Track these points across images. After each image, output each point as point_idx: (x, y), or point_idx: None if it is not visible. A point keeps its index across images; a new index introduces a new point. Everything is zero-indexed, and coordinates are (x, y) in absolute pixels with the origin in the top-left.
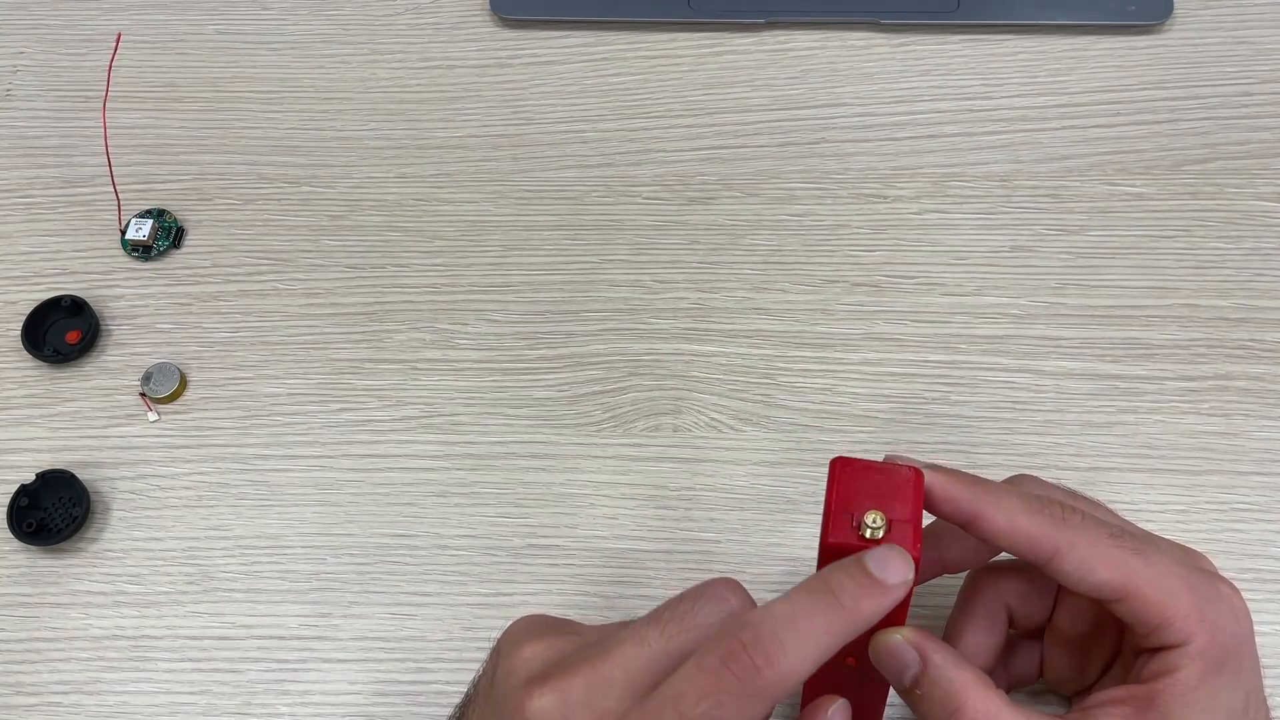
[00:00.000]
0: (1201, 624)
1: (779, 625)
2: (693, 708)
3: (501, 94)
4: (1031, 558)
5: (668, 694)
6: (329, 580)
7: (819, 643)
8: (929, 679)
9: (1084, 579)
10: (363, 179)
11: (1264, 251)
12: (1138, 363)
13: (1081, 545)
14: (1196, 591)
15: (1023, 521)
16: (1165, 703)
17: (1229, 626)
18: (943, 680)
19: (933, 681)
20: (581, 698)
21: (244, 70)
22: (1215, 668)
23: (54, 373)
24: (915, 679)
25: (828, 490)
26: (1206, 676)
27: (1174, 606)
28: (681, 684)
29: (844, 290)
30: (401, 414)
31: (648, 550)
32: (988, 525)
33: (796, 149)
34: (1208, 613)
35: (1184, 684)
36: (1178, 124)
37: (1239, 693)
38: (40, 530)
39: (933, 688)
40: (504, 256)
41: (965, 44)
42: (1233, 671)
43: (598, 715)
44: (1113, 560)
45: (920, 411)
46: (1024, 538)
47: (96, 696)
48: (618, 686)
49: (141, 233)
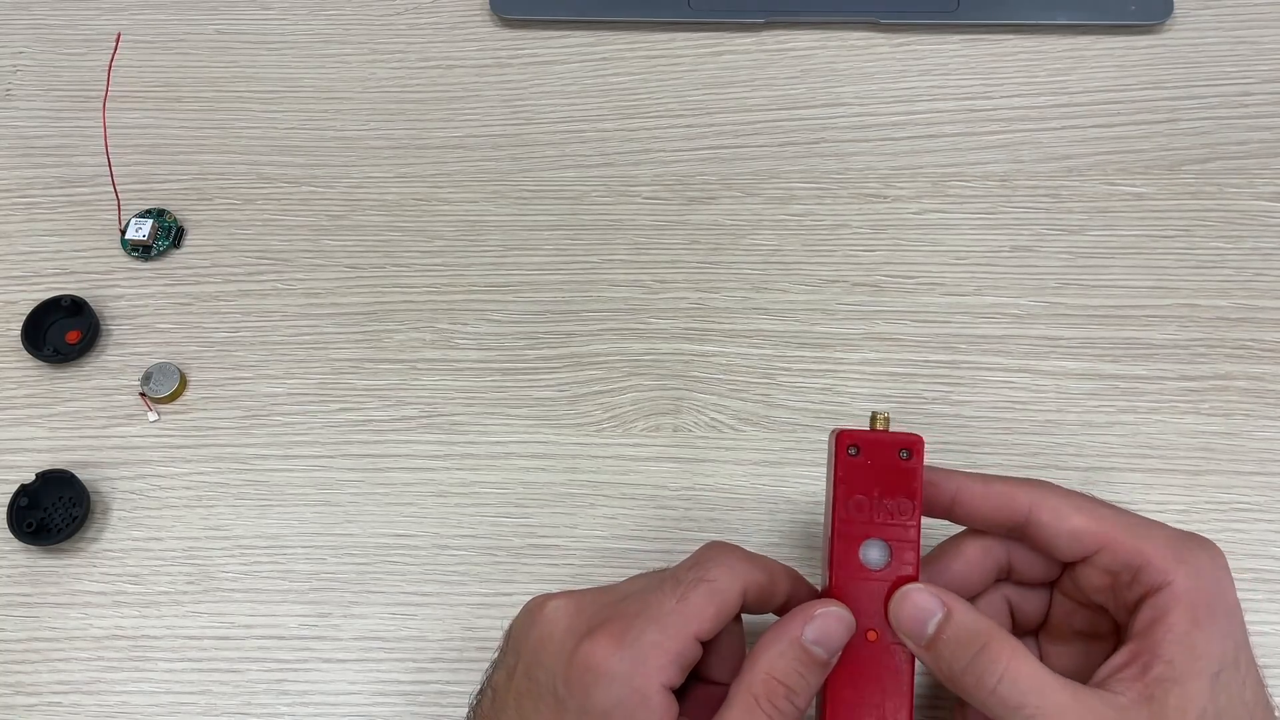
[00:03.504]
0: (1180, 564)
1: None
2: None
3: (501, 94)
4: (1009, 517)
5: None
6: (329, 580)
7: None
8: (955, 623)
9: (1059, 528)
10: (363, 179)
11: (1264, 251)
12: (1138, 363)
13: (1053, 497)
14: (1171, 536)
15: (997, 484)
16: (1166, 651)
17: (1208, 569)
18: (969, 622)
19: (958, 625)
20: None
21: (244, 70)
22: (1206, 612)
23: (54, 373)
24: (940, 626)
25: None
26: (1199, 620)
27: (1149, 548)
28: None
29: (844, 290)
30: (401, 414)
31: (648, 550)
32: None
33: (796, 149)
34: (1185, 555)
35: (1178, 629)
36: (1178, 124)
37: (1229, 642)
38: (40, 530)
39: (959, 630)
40: (504, 256)
41: (965, 44)
42: (1223, 618)
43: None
44: (1085, 508)
45: (920, 411)
46: (1000, 496)
47: (96, 696)
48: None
49: (141, 232)
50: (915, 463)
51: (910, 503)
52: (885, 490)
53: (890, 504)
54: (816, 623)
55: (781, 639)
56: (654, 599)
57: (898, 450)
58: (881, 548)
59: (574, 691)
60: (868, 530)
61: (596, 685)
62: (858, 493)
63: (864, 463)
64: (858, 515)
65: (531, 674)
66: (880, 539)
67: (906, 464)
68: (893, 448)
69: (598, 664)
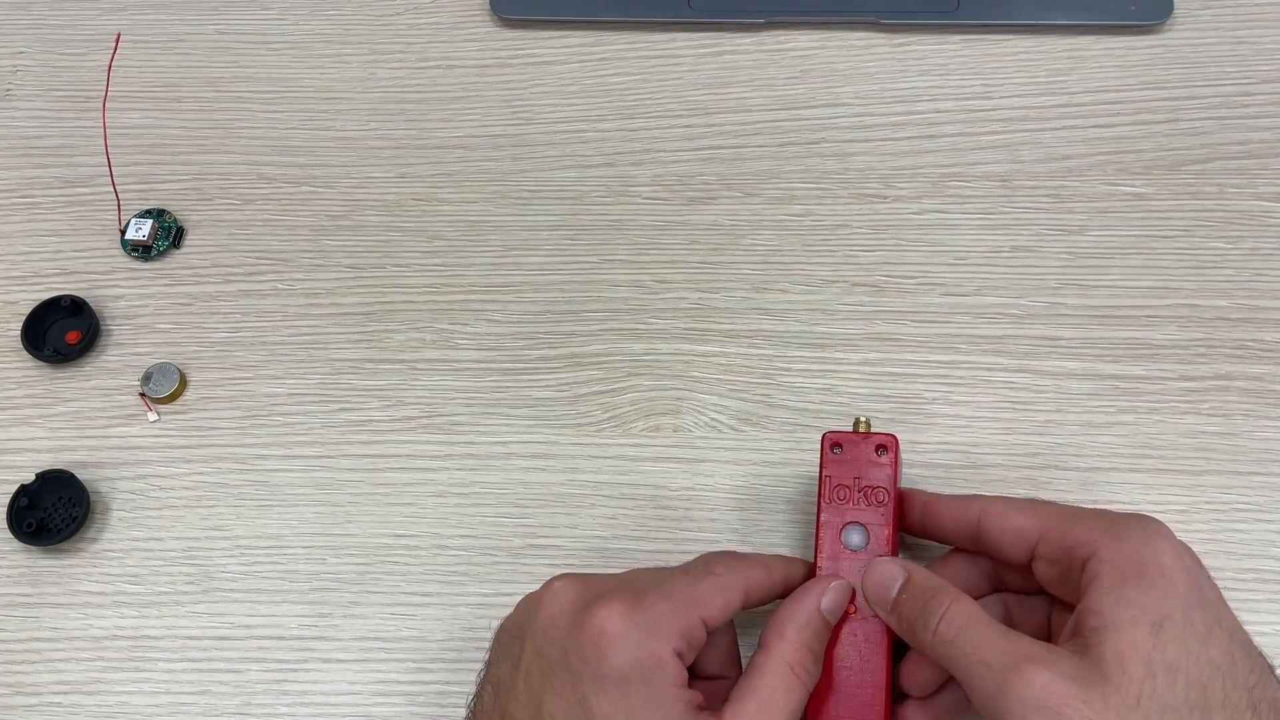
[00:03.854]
0: (1105, 536)
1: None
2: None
3: (501, 94)
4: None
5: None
6: (329, 580)
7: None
8: (912, 584)
9: (1003, 528)
10: (363, 179)
11: (1264, 251)
12: (1138, 363)
13: (997, 503)
14: (1102, 515)
15: (945, 498)
16: (1095, 603)
17: (1136, 535)
18: (923, 581)
19: (914, 584)
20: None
21: (244, 70)
22: (1135, 571)
23: (54, 373)
24: (900, 588)
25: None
26: (1126, 577)
27: (1078, 528)
28: None
29: (844, 290)
30: (401, 414)
31: (648, 550)
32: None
33: (796, 149)
34: (1112, 527)
35: (1105, 584)
36: (1178, 124)
37: (1170, 599)
38: (40, 530)
39: (913, 588)
40: (504, 256)
41: (965, 44)
42: (1157, 576)
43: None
44: (1022, 507)
45: (920, 411)
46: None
47: (96, 697)
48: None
49: (141, 233)
50: (890, 458)
51: (885, 491)
52: (864, 482)
53: (868, 493)
54: (832, 594)
55: (803, 610)
56: (664, 578)
57: (875, 448)
58: (861, 532)
59: (588, 659)
60: (848, 517)
61: (612, 649)
62: (840, 485)
63: (845, 458)
64: (840, 504)
65: (541, 652)
66: (859, 523)
67: (882, 460)
68: (870, 446)
69: (612, 629)
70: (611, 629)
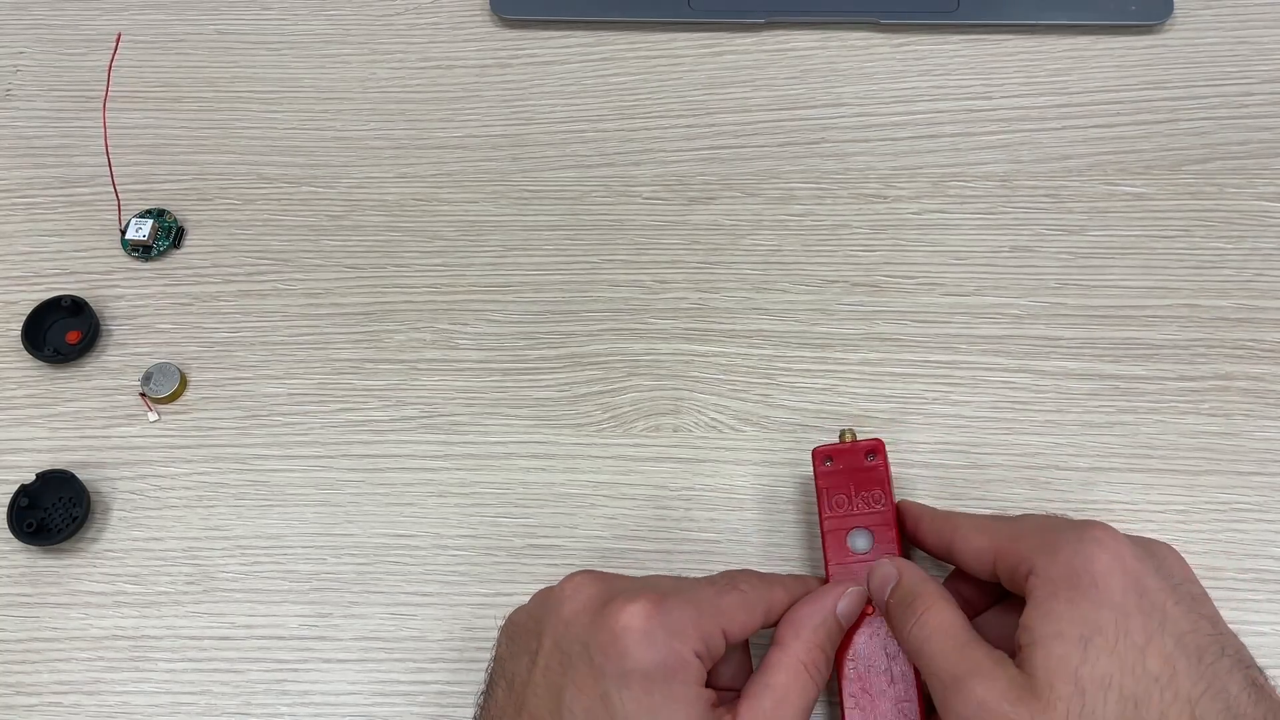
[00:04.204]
0: (1041, 553)
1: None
2: None
3: (501, 94)
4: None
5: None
6: (329, 580)
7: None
8: (902, 584)
9: (968, 549)
10: (363, 179)
11: (1264, 251)
12: (1138, 363)
13: (965, 523)
14: (1046, 532)
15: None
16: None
17: (1069, 547)
18: (911, 582)
19: (903, 584)
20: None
21: (244, 70)
22: (1065, 585)
23: (54, 373)
24: (892, 590)
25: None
26: (1056, 591)
27: (1021, 545)
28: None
29: (844, 290)
30: (401, 414)
31: (648, 550)
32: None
33: (796, 149)
34: (1047, 541)
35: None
36: (1178, 124)
37: (1102, 614)
38: (40, 530)
39: (902, 589)
40: (504, 256)
41: (965, 44)
42: (1086, 590)
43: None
44: (984, 527)
45: (920, 411)
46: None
47: (96, 697)
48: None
49: (141, 233)
50: (879, 461)
51: (881, 493)
52: (859, 487)
53: (865, 497)
54: (848, 599)
55: (819, 612)
56: (688, 586)
57: (864, 455)
58: (865, 535)
59: (610, 655)
60: (851, 522)
61: (636, 646)
62: (838, 494)
63: (838, 469)
64: (840, 512)
65: (562, 647)
66: (863, 528)
67: (872, 464)
68: (859, 454)
69: (637, 626)
70: (636, 625)
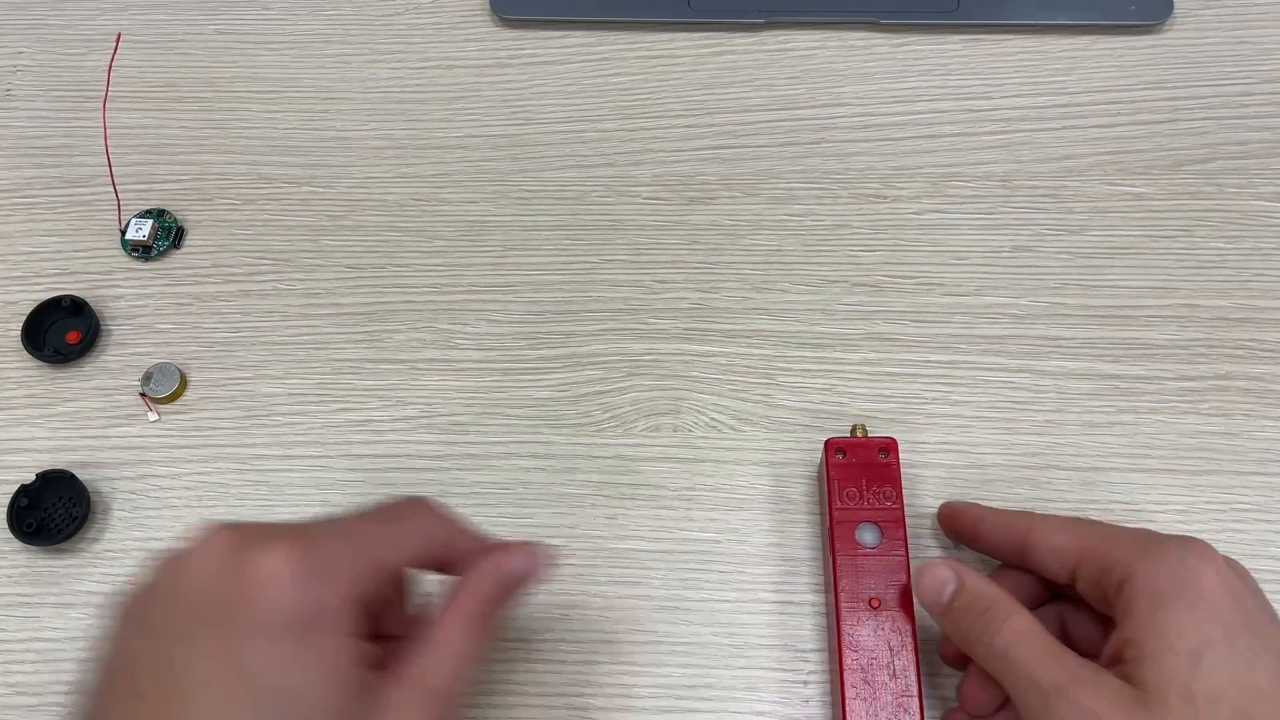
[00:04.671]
0: (1142, 559)
1: None
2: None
3: (501, 94)
4: (1012, 541)
5: None
6: None
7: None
8: (966, 589)
9: (1045, 547)
10: (363, 179)
11: (1264, 251)
12: (1138, 363)
13: (1043, 521)
14: (1140, 536)
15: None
16: (1131, 633)
17: (1174, 556)
18: (979, 588)
19: (969, 590)
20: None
21: (244, 70)
22: (1173, 595)
23: (54, 373)
24: (954, 594)
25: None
26: (1163, 603)
27: (1116, 549)
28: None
29: (844, 290)
30: (401, 414)
31: (648, 550)
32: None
33: (796, 149)
34: (1149, 549)
35: (1140, 613)
36: (1178, 124)
37: (1212, 624)
38: (40, 530)
39: (969, 595)
40: (504, 256)
41: (965, 44)
42: (1195, 600)
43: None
44: (1065, 526)
45: (920, 411)
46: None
47: None
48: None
49: (141, 233)
50: (892, 459)
51: (893, 490)
52: (871, 483)
53: (876, 493)
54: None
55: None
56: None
57: (877, 451)
58: (874, 530)
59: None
60: (861, 515)
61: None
62: (849, 486)
63: (851, 463)
64: (851, 505)
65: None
66: (872, 522)
67: (885, 461)
68: (873, 449)
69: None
70: (272, 571)
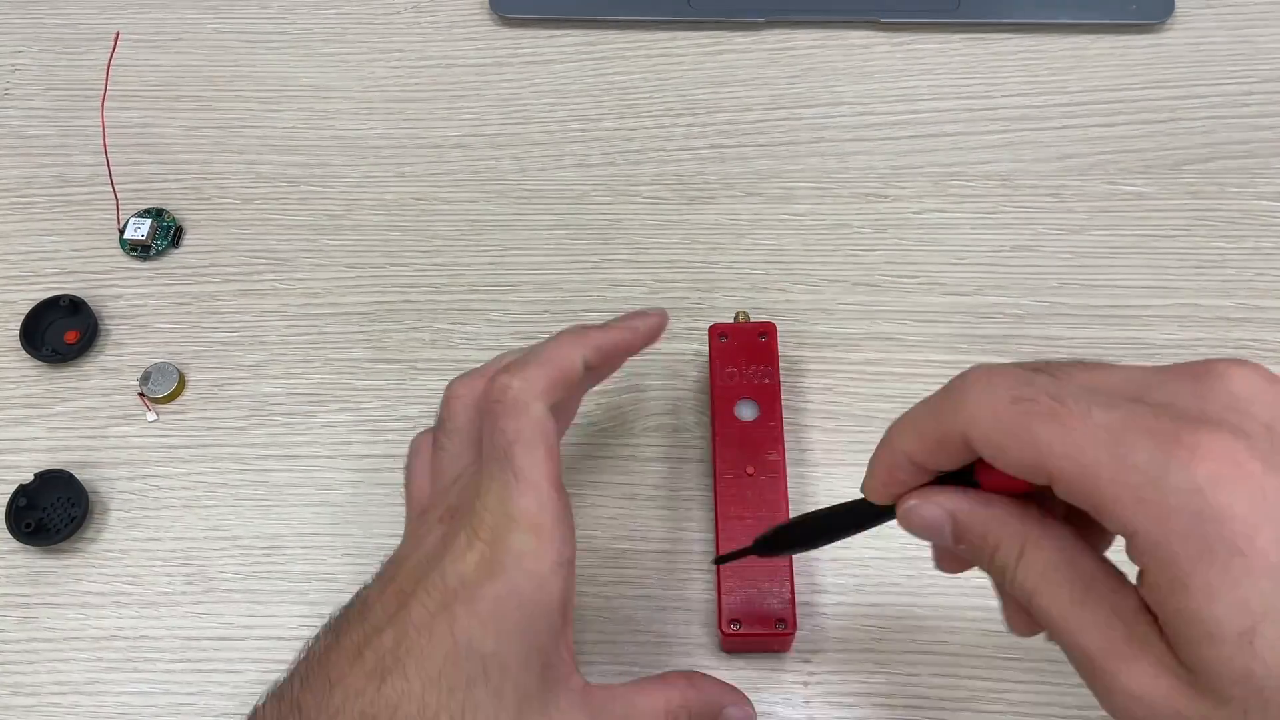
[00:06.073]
0: (1140, 505)
1: None
2: None
3: (501, 93)
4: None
5: None
6: (328, 580)
7: None
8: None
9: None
10: (362, 179)
11: (1265, 251)
12: (1138, 363)
13: (982, 420)
14: (1129, 456)
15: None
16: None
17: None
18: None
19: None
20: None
21: (243, 69)
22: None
23: (52, 373)
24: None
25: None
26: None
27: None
28: None
29: (844, 290)
30: (401, 414)
31: (648, 550)
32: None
33: (797, 148)
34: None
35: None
36: (1178, 123)
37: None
38: (39, 530)
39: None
40: (504, 256)
41: (965, 43)
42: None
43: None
44: (1015, 429)
45: None
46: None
47: (95, 697)
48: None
49: (140, 232)
50: (770, 341)
51: (770, 368)
52: (750, 362)
53: (755, 371)
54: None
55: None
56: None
57: (757, 335)
58: (752, 406)
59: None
60: (740, 392)
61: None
62: (729, 367)
63: (732, 345)
64: (730, 383)
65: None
66: (750, 398)
67: (764, 343)
68: (753, 333)
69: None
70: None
